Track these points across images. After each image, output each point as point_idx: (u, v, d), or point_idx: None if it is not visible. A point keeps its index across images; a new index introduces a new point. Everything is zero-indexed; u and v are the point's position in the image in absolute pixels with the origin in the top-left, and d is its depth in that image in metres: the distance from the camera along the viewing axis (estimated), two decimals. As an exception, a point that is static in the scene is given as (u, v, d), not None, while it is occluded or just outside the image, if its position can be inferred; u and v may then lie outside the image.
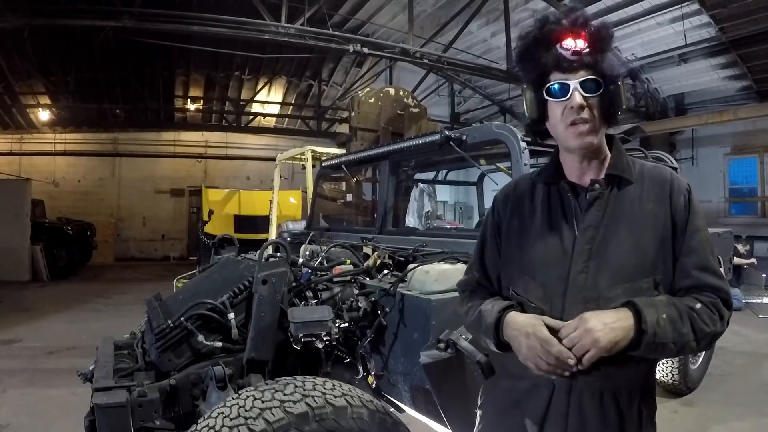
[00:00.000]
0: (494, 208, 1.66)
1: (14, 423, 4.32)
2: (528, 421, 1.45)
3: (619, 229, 1.39)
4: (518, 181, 1.64)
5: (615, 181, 1.44)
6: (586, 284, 1.38)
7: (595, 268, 1.38)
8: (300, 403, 1.85)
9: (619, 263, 1.37)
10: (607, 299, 1.35)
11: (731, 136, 13.62)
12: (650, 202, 1.41)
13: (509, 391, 1.53)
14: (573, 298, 1.39)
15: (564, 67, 1.37)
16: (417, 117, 5.86)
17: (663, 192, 1.42)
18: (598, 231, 1.40)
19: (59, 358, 6.17)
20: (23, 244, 12.76)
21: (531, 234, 1.51)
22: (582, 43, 1.36)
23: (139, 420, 2.17)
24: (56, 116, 16.91)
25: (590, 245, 1.40)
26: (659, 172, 1.47)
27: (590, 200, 1.44)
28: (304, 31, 10.22)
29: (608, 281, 1.36)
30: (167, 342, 2.39)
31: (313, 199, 4.98)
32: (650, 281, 1.36)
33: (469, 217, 17.42)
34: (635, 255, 1.37)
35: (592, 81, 1.36)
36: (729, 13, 10.71)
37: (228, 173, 19.10)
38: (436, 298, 2.30)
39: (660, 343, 1.26)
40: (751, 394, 5.07)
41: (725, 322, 1.35)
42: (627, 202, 1.42)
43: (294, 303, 2.61)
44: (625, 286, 1.35)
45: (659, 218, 1.40)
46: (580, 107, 1.36)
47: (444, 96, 17.85)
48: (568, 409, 1.38)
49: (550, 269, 1.44)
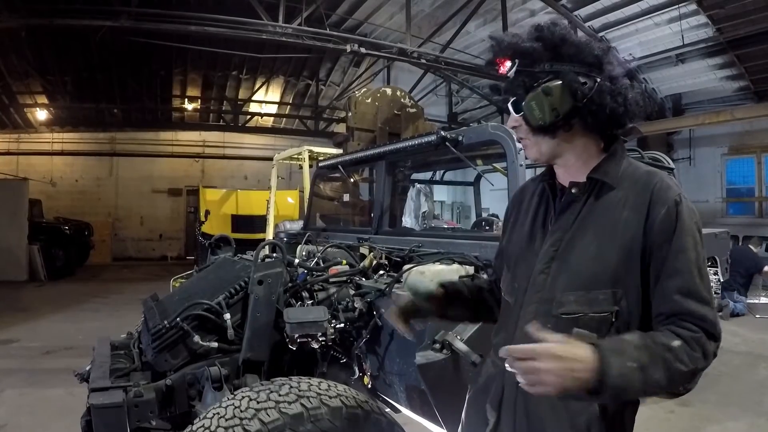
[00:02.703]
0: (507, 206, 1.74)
1: (11, 423, 4.32)
2: (488, 406, 1.48)
3: (587, 234, 1.35)
4: (530, 180, 1.69)
5: (596, 184, 1.38)
6: (544, 285, 1.37)
7: (555, 271, 1.36)
8: (295, 404, 1.86)
9: (578, 269, 1.33)
10: (560, 303, 1.33)
11: (728, 136, 13.64)
12: (626, 209, 1.32)
13: (481, 377, 1.58)
14: (530, 296, 1.40)
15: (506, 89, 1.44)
16: (414, 117, 5.85)
17: (643, 200, 1.31)
18: (566, 234, 1.38)
19: (56, 358, 6.17)
20: (20, 244, 12.73)
21: (519, 231, 1.55)
22: (507, 65, 1.37)
23: (135, 420, 2.17)
24: (54, 116, 16.86)
25: (555, 247, 1.38)
26: (647, 178, 1.35)
27: (565, 203, 1.42)
28: (302, 30, 10.23)
29: (564, 285, 1.34)
30: (163, 342, 2.40)
31: (310, 199, 4.98)
32: (608, 294, 1.28)
33: (466, 216, 17.44)
34: (595, 263, 1.31)
35: (515, 102, 1.41)
36: (726, 14, 10.74)
37: (225, 173, 19.07)
38: (431, 299, 2.30)
39: (623, 392, 1.14)
40: (747, 395, 5.08)
41: (710, 357, 1.21)
42: (603, 207, 1.35)
43: (290, 303, 2.62)
44: (578, 293, 1.31)
45: (630, 228, 1.29)
46: (512, 128, 1.45)
47: (441, 96, 17.86)
48: (515, 401, 1.39)
49: (520, 266, 1.48)
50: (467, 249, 2.78)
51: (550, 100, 1.32)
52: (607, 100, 1.32)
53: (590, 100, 1.32)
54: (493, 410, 1.45)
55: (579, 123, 1.37)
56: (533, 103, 1.35)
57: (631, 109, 1.36)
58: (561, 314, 1.33)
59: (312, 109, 18.32)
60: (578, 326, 1.28)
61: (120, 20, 9.29)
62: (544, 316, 1.35)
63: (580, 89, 1.31)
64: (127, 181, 18.10)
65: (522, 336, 1.35)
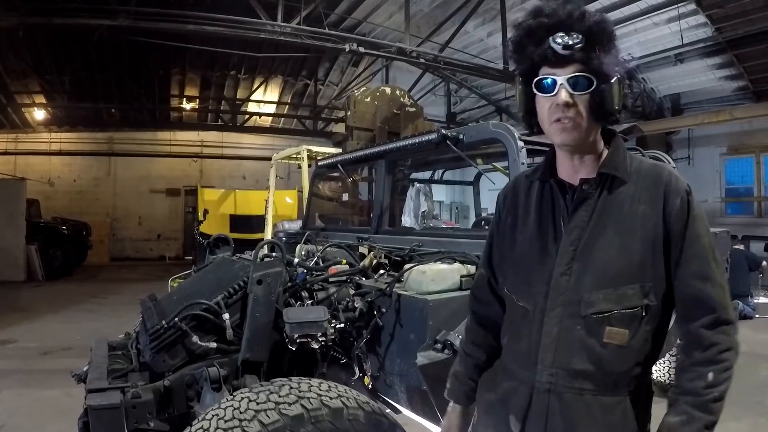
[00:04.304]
0: (497, 206, 1.66)
1: (9, 424, 4.29)
2: (512, 417, 1.44)
3: (606, 230, 1.33)
4: (517, 179, 1.62)
5: (608, 179, 1.37)
6: (568, 287, 1.35)
7: (578, 271, 1.34)
8: (295, 405, 1.83)
9: (604, 267, 1.32)
10: (588, 303, 1.31)
11: (727, 136, 13.65)
12: (642, 203, 1.33)
13: (498, 388, 1.53)
14: (554, 300, 1.36)
15: (553, 62, 1.31)
16: (413, 116, 5.83)
17: (657, 192, 1.33)
18: (584, 232, 1.35)
19: (54, 359, 6.14)
20: (18, 244, 12.71)
21: (523, 232, 1.50)
22: (575, 37, 1.28)
23: (133, 421, 2.14)
24: (52, 115, 16.85)
25: (575, 247, 1.36)
26: (657, 171, 1.37)
27: (578, 200, 1.39)
28: (301, 30, 10.22)
29: (590, 285, 1.32)
30: (161, 343, 2.37)
31: (309, 199, 4.96)
32: (637, 288, 1.30)
33: (465, 216, 17.44)
34: (620, 259, 1.31)
35: (582, 77, 1.29)
36: (725, 14, 10.74)
37: (224, 173, 19.07)
38: (432, 299, 2.29)
39: None
40: (748, 394, 5.07)
41: (733, 343, 1.29)
42: (618, 202, 1.35)
43: (289, 303, 2.59)
44: (607, 291, 1.30)
45: (650, 220, 1.31)
46: (565, 105, 1.30)
47: (440, 96, 17.86)
48: (548, 408, 1.35)
49: (535, 269, 1.43)
50: (468, 248, 2.75)
51: (623, 91, 1.33)
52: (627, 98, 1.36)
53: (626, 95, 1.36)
54: (518, 421, 1.42)
55: None
56: (615, 89, 1.31)
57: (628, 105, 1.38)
58: (591, 314, 1.31)
59: (310, 109, 18.32)
60: (610, 324, 1.30)
61: (118, 19, 9.27)
62: (572, 318, 1.33)
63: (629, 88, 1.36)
64: (125, 181, 18.09)
65: (549, 343, 1.35)
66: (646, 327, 1.31)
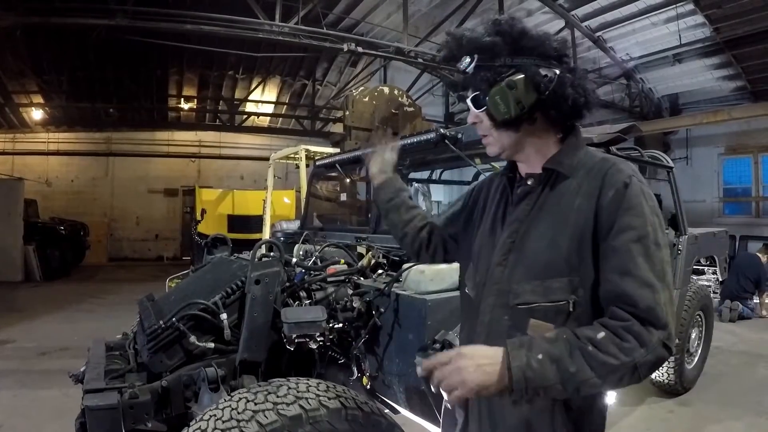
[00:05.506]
0: (469, 191, 1.74)
1: (6, 425, 4.27)
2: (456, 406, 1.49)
3: (541, 223, 1.34)
4: (495, 174, 1.66)
5: (552, 174, 1.38)
6: (502, 277, 1.37)
7: (513, 262, 1.36)
8: (293, 406, 1.83)
9: (534, 259, 1.32)
10: (515, 294, 1.33)
11: (725, 136, 13.67)
12: (580, 196, 1.30)
13: None
14: (489, 289, 1.40)
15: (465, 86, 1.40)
16: (411, 116, 5.84)
17: (594, 186, 1.29)
18: (522, 225, 1.38)
19: (52, 359, 6.13)
20: (16, 244, 12.66)
21: (481, 225, 1.55)
22: (467, 62, 1.34)
23: (130, 422, 2.14)
24: (49, 115, 16.80)
25: (512, 239, 1.38)
26: (601, 165, 1.33)
27: (522, 194, 1.43)
28: (299, 30, 10.20)
29: (521, 276, 1.33)
30: (159, 343, 2.36)
31: (307, 199, 4.95)
32: (564, 282, 1.27)
33: (464, 216, 17.41)
34: (550, 252, 1.30)
35: (476, 97, 1.38)
36: (723, 14, 10.77)
37: (222, 173, 19.03)
38: (431, 298, 2.28)
39: (539, 387, 1.12)
40: (747, 394, 5.07)
41: (650, 345, 1.13)
42: (557, 196, 1.35)
43: (287, 303, 2.58)
44: (534, 284, 1.30)
45: (582, 214, 1.28)
46: (473, 124, 1.42)
47: (438, 96, 17.88)
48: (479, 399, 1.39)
49: (481, 259, 1.48)
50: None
51: (515, 94, 1.31)
52: (569, 91, 1.32)
53: (553, 91, 1.31)
54: (461, 410, 1.46)
55: (541, 115, 1.37)
56: (498, 98, 1.33)
57: (591, 99, 1.36)
58: (517, 305, 1.32)
59: (308, 109, 18.29)
60: (534, 317, 1.29)
61: (116, 19, 9.25)
62: (502, 308, 1.36)
63: (543, 81, 1.30)
64: (123, 181, 18.04)
65: (483, 331, 1.39)
66: (574, 323, 1.25)
